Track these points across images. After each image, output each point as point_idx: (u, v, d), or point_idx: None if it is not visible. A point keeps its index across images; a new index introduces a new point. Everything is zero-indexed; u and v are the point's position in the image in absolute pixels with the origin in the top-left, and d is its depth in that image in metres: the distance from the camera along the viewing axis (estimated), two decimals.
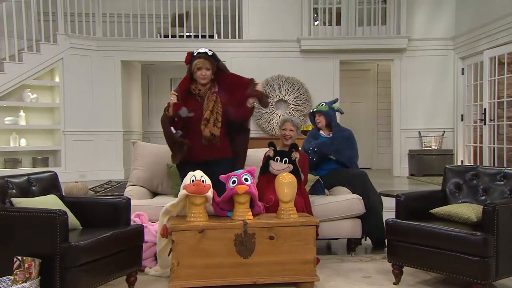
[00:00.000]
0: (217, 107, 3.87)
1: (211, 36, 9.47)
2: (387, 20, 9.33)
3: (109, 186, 7.76)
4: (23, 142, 8.23)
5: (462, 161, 9.11)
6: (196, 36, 9.37)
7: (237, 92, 3.97)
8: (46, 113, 8.79)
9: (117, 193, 6.74)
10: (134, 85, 10.43)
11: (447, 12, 9.35)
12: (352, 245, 4.41)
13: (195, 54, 3.93)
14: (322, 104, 4.95)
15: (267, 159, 4.06)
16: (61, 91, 8.58)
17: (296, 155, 4.02)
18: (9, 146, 8.10)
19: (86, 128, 8.80)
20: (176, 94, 3.87)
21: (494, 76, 8.14)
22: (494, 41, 7.94)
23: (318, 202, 4.21)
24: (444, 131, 9.31)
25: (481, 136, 8.51)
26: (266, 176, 4.00)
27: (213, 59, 3.93)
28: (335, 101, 5.07)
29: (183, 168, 3.90)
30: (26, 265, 2.84)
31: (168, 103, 3.88)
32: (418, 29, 9.38)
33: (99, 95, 8.96)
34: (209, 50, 3.99)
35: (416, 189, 7.24)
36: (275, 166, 3.98)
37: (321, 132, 4.92)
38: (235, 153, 4.03)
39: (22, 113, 8.21)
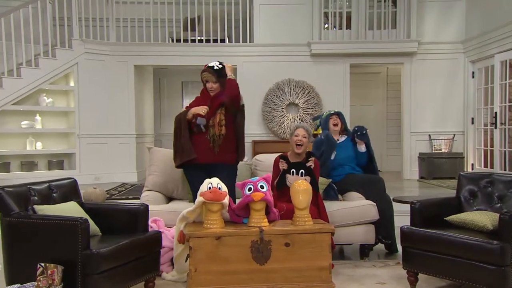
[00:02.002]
0: (221, 112, 3.99)
1: (223, 40, 9.47)
2: (397, 24, 9.27)
3: (123, 189, 7.78)
4: (39, 145, 8.28)
5: (472, 165, 9.07)
6: (207, 41, 9.37)
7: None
8: (61, 117, 8.83)
9: (131, 196, 6.77)
10: (146, 88, 10.46)
11: (457, 16, 9.30)
12: (365, 250, 4.42)
13: (204, 69, 4.09)
14: (332, 111, 5.07)
15: (282, 173, 4.04)
16: (76, 95, 8.61)
17: (311, 164, 4.02)
18: (25, 149, 8.14)
19: (100, 132, 8.83)
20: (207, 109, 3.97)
21: (505, 80, 8.10)
22: (505, 45, 7.88)
23: (332, 207, 4.22)
24: (454, 134, 9.25)
25: (491, 139, 8.45)
26: (280, 191, 3.99)
27: (217, 74, 4.02)
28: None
29: (189, 170, 4.09)
30: (49, 272, 2.87)
31: (191, 108, 4.02)
32: (428, 32, 9.32)
33: (112, 99, 8.98)
34: (218, 64, 4.07)
35: (427, 193, 7.25)
36: (291, 179, 3.95)
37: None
38: (235, 132, 4.11)
39: (38, 117, 8.25)
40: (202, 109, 3.93)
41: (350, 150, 4.90)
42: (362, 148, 4.84)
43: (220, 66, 4.05)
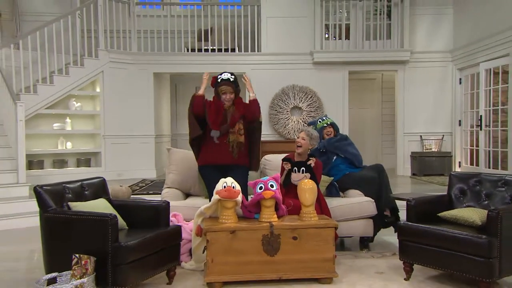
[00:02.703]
0: (240, 122, 4.02)
1: (233, 50, 9.47)
2: (391, 34, 9.24)
3: (144, 184, 7.81)
4: (69, 145, 8.32)
5: (459, 163, 9.04)
6: (219, 50, 9.38)
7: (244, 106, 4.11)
8: (89, 120, 8.86)
9: (152, 192, 6.77)
10: (164, 93, 10.48)
11: (446, 27, 9.26)
12: (365, 242, 4.42)
13: (219, 80, 4.03)
14: (327, 118, 5.17)
15: (288, 173, 4.05)
16: (101, 100, 8.65)
17: (311, 162, 4.03)
18: (57, 149, 8.19)
19: (123, 133, 8.85)
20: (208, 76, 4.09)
21: (489, 86, 8.09)
22: (489, 54, 7.86)
23: (334, 204, 4.22)
24: (443, 135, 9.22)
25: (477, 139, 8.43)
26: (287, 189, 4.00)
27: (234, 84, 4.02)
28: (326, 116, 5.31)
29: (204, 170, 4.12)
30: (83, 262, 2.91)
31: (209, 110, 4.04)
32: (420, 43, 9.28)
33: (134, 103, 9.00)
34: (231, 76, 4.05)
35: (419, 188, 7.23)
36: (294, 177, 3.99)
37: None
38: (251, 144, 4.14)
39: (68, 120, 8.29)
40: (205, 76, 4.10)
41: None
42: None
43: (233, 77, 4.04)
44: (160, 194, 6.34)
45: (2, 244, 4.91)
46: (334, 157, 4.85)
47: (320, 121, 5.11)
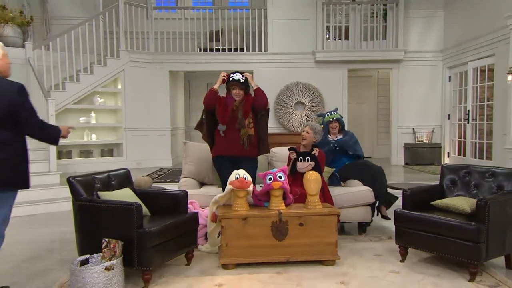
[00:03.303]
0: (250, 116, 4.00)
1: (241, 49, 9.43)
2: (387, 35, 9.17)
3: (162, 173, 7.85)
4: (93, 137, 8.37)
5: (448, 153, 9.01)
6: (229, 50, 9.33)
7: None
8: (111, 114, 8.89)
9: (169, 180, 6.81)
10: (178, 89, 10.48)
11: (436, 29, 9.17)
12: (363, 227, 4.42)
13: (230, 79, 4.04)
14: (334, 113, 4.98)
15: (293, 162, 4.06)
16: (122, 96, 8.67)
17: (315, 152, 4.03)
18: (83, 140, 8.24)
19: (142, 126, 8.88)
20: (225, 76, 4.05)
21: (476, 83, 8.03)
22: (476, 54, 7.80)
23: (336, 192, 4.21)
24: (433, 128, 9.18)
25: (464, 132, 8.40)
26: (293, 177, 4.01)
27: (243, 85, 4.03)
28: (336, 109, 5.10)
29: (217, 161, 4.12)
30: (111, 246, 2.92)
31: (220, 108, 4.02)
32: (413, 43, 9.20)
33: (152, 98, 9.02)
34: (242, 77, 4.05)
35: (411, 177, 7.22)
36: (300, 165, 3.99)
37: (329, 136, 4.90)
38: (260, 130, 4.11)
39: (93, 114, 8.32)
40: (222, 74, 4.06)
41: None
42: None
43: (244, 78, 4.04)
44: (176, 181, 6.42)
45: (38, 226, 4.99)
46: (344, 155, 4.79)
47: (328, 115, 4.96)
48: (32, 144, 6.58)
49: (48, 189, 5.98)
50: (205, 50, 9.47)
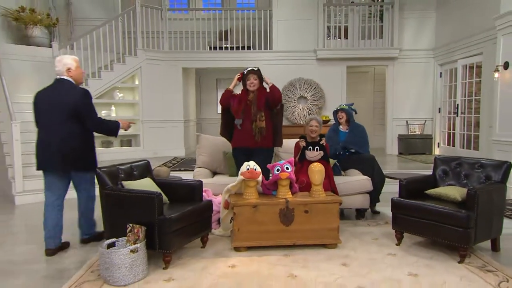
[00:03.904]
0: (261, 110, 3.96)
1: (248, 48, 9.37)
2: (383, 35, 9.07)
3: (176, 162, 7.87)
4: None
5: (438, 143, 8.97)
6: (237, 48, 9.28)
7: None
8: (129, 107, 8.89)
9: (183, 168, 6.82)
10: (190, 85, 10.44)
11: (429, 29, 9.06)
12: (361, 213, 4.44)
13: (245, 72, 4.05)
14: (343, 105, 4.92)
15: (302, 150, 4.06)
16: (139, 91, 8.66)
17: (323, 141, 4.04)
18: None
19: (157, 118, 8.88)
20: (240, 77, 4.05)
21: (465, 79, 7.96)
22: (466, 52, 7.71)
23: (338, 181, 4.21)
24: (425, 120, 9.13)
25: (454, 124, 8.35)
26: (301, 164, 4.03)
27: (257, 73, 4.03)
28: (351, 104, 5.02)
29: (234, 152, 4.12)
30: (135, 230, 2.95)
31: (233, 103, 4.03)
32: (407, 41, 9.10)
33: (166, 93, 8.99)
34: (255, 67, 4.10)
35: (405, 166, 7.20)
36: (310, 154, 3.99)
37: (340, 127, 4.86)
38: (275, 125, 4.08)
39: (113, 108, 8.33)
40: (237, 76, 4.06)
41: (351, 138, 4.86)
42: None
43: (256, 68, 4.07)
44: (189, 170, 6.46)
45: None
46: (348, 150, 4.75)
47: (338, 106, 4.92)
48: None
49: None
50: (214, 48, 9.42)
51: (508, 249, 3.49)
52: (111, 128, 3.56)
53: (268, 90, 4.05)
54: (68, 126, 3.30)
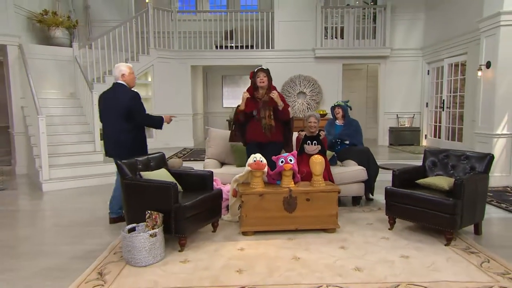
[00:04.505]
0: (270, 108, 3.90)
1: (252, 47, 9.31)
2: (376, 35, 8.99)
3: (185, 152, 7.89)
4: None
5: (426, 135, 8.96)
6: (241, 47, 9.22)
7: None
8: (143, 102, 8.72)
9: (193, 158, 6.85)
10: (198, 81, 10.41)
11: (418, 30, 8.98)
12: (357, 200, 4.47)
13: (255, 70, 3.99)
14: (340, 101, 4.96)
15: (302, 144, 4.08)
16: (152, 87, 8.64)
17: (322, 134, 4.05)
18: None
19: (168, 112, 8.74)
20: (248, 95, 3.91)
21: (451, 77, 7.92)
22: (452, 52, 7.65)
23: (335, 171, 4.25)
24: (414, 114, 9.11)
25: (440, 118, 8.33)
26: (300, 156, 4.04)
27: (266, 71, 3.95)
28: (347, 101, 5.04)
29: (248, 146, 4.04)
30: (153, 217, 2.99)
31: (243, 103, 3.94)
32: (398, 42, 9.03)
33: (177, 89, 8.97)
34: (264, 67, 4.03)
35: (395, 156, 7.21)
36: (309, 148, 4.01)
37: (336, 121, 4.90)
38: (285, 137, 4.03)
39: None
40: (244, 95, 3.88)
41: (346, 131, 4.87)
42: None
43: (265, 67, 4.00)
44: (199, 160, 6.49)
45: (89, 196, 5.07)
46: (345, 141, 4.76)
47: (335, 103, 4.93)
48: (78, 128, 6.66)
49: (94, 166, 6.04)
50: (220, 47, 9.36)
51: (489, 233, 3.53)
52: (155, 122, 3.90)
53: (279, 108, 3.89)
54: (120, 123, 3.64)
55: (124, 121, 3.65)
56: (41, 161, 5.50)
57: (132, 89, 3.87)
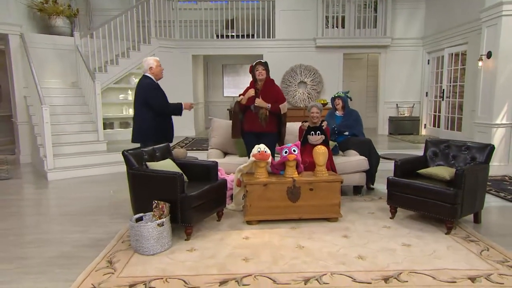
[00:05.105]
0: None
1: (252, 36, 9.23)
2: (377, 24, 8.91)
3: (188, 141, 7.89)
4: (130, 111, 8.29)
5: (425, 125, 8.98)
6: (242, 36, 9.13)
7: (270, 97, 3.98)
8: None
9: (195, 148, 6.85)
10: (199, 70, 10.32)
11: (418, 19, 8.90)
12: (358, 189, 4.49)
13: (254, 64, 4.01)
14: (340, 92, 4.93)
15: (305, 134, 4.08)
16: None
17: (325, 124, 4.05)
18: (122, 114, 8.21)
19: (170, 101, 8.65)
20: (253, 94, 3.93)
21: (451, 67, 7.89)
22: (452, 42, 7.61)
23: (338, 161, 4.26)
24: (414, 103, 9.10)
25: (439, 107, 8.33)
26: (304, 146, 4.04)
27: (264, 65, 4.00)
28: (347, 91, 5.02)
29: (245, 136, 4.08)
30: (160, 206, 3.01)
31: (242, 95, 3.97)
32: (398, 31, 8.96)
33: (178, 78, 8.91)
34: (263, 60, 4.07)
35: (395, 145, 7.22)
36: (313, 138, 4.01)
37: (336, 112, 4.89)
38: (279, 130, 4.07)
39: (129, 92, 8.24)
40: (251, 91, 3.91)
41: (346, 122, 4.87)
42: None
43: (264, 61, 4.02)
44: (201, 149, 6.49)
45: (94, 185, 5.10)
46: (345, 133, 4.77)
47: (336, 94, 4.91)
48: (82, 118, 6.64)
49: (97, 155, 6.05)
50: (221, 36, 9.27)
51: (488, 221, 3.57)
52: (173, 110, 4.11)
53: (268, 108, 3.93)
54: (141, 112, 3.89)
55: (145, 110, 3.87)
56: (45, 151, 5.50)
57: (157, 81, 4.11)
